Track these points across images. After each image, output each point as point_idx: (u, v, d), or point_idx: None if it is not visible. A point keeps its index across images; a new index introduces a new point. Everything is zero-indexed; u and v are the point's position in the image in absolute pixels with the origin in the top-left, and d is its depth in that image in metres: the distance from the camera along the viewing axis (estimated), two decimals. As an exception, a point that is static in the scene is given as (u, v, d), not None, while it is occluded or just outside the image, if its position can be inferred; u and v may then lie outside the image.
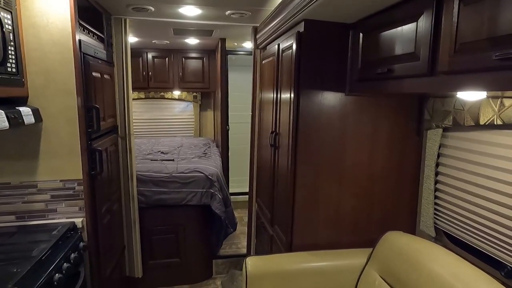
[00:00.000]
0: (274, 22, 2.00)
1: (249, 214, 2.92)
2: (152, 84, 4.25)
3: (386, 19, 1.37)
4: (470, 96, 1.35)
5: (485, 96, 1.32)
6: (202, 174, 2.87)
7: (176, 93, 4.63)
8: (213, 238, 3.13)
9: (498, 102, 1.28)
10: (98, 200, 1.98)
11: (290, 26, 1.80)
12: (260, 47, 2.64)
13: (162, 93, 4.63)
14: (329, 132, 1.76)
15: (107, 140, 2.23)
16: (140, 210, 2.73)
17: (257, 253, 2.78)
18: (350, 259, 1.75)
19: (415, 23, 1.18)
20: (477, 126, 1.41)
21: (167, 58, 4.21)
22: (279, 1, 1.83)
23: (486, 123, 1.34)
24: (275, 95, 2.09)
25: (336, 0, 1.34)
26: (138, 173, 2.76)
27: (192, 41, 3.69)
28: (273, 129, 2.12)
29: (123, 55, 2.50)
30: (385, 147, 1.83)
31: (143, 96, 4.59)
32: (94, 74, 1.96)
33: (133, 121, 2.64)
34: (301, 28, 1.66)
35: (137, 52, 3.98)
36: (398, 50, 1.28)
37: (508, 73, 0.84)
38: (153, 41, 3.76)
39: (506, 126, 1.28)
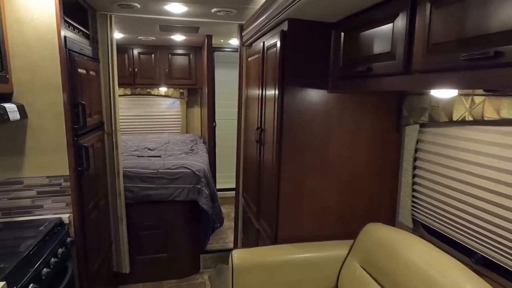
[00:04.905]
0: (259, 20, 2.04)
1: (235, 209, 2.97)
2: (138, 80, 4.23)
3: (366, 19, 1.42)
4: (443, 93, 1.42)
5: (457, 94, 1.39)
6: (189, 170, 2.90)
7: (163, 89, 4.61)
8: (200, 233, 3.16)
9: (469, 99, 1.36)
10: (85, 196, 1.99)
11: (275, 24, 1.84)
12: (246, 44, 2.67)
13: (148, 90, 4.61)
14: (313, 128, 1.81)
15: (94, 136, 2.24)
16: (128, 206, 2.74)
17: (244, 247, 2.82)
18: (333, 251, 1.81)
19: (392, 23, 1.23)
20: (451, 122, 1.48)
21: (153, 55, 4.20)
22: (264, 0, 1.87)
23: (459, 119, 1.42)
24: (260, 92, 2.13)
25: (317, 0, 1.39)
26: (125, 169, 2.77)
27: (178, 37, 3.69)
28: (259, 125, 2.16)
29: (108, 52, 2.50)
30: (367, 143, 1.89)
31: (129, 93, 4.56)
32: (79, 70, 1.96)
33: (120, 117, 2.64)
34: (285, 26, 1.71)
35: (123, 48, 3.96)
36: (377, 49, 1.34)
37: (473, 73, 0.91)
38: (139, 37, 3.74)
39: (476, 122, 1.36)
